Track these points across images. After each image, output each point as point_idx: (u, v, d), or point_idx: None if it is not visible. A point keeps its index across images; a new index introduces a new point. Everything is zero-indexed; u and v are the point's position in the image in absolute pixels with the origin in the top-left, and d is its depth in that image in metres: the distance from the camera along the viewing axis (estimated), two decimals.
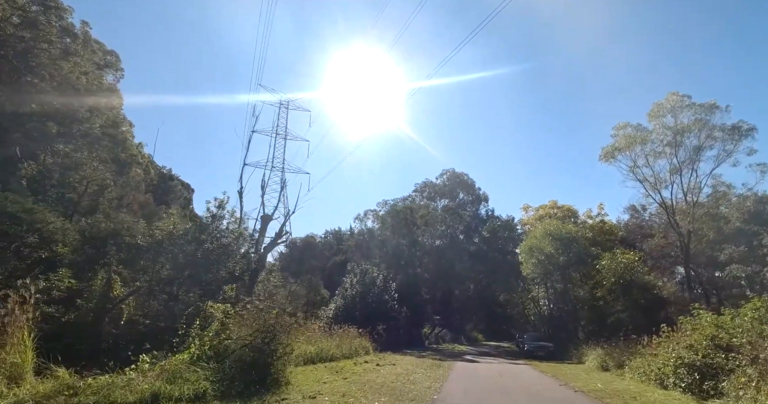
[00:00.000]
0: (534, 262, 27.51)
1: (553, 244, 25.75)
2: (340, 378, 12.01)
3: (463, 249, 47.52)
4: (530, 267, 28.22)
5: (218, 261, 17.11)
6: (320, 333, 20.01)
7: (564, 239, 25.64)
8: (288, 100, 63.76)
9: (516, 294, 53.29)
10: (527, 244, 28.35)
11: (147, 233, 16.82)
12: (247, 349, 9.63)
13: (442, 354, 26.35)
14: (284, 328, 10.43)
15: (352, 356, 19.69)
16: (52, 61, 27.38)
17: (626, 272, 21.30)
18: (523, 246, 29.47)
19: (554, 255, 25.90)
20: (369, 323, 29.06)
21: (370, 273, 33.31)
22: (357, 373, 13.51)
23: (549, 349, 25.86)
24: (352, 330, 22.53)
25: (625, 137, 27.49)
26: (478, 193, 53.90)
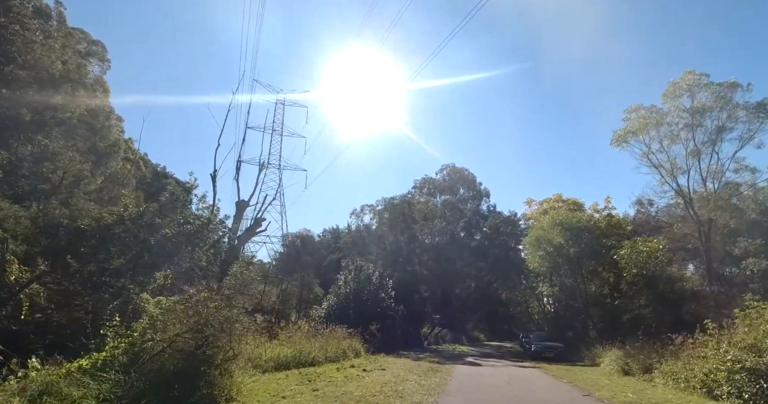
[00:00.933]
0: (541, 255, 24.65)
1: (563, 235, 22.94)
2: (309, 390, 9.24)
3: (464, 246, 44.68)
4: (537, 260, 25.33)
5: (179, 251, 14.39)
6: (302, 334, 17.27)
7: (575, 229, 22.83)
8: (284, 96, 61.64)
9: (519, 292, 50.40)
10: (534, 235, 25.48)
11: (95, 216, 14.16)
12: (166, 355, 6.90)
13: (441, 355, 23.52)
14: (226, 327, 7.67)
15: (338, 359, 16.94)
16: (25, 44, 24.87)
17: (649, 262, 18.48)
18: (529, 238, 26.66)
19: (564, 246, 23.07)
20: (364, 322, 26.45)
21: (366, 270, 30.54)
22: (335, 382, 10.74)
23: (558, 350, 23.02)
24: (339, 331, 19.79)
25: (639, 119, 24.66)
26: (479, 188, 51.01)
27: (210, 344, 7.21)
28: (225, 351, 7.55)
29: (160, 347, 6.93)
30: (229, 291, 15.17)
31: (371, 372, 13.39)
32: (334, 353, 17.32)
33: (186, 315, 7.60)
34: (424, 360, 19.78)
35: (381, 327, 27.76)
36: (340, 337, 19.61)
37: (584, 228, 22.91)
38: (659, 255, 18.67)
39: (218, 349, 7.38)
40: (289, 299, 36.19)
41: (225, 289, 15.13)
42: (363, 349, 21.06)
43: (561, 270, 24.99)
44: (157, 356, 6.85)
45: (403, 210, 37.73)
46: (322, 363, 15.31)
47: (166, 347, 6.85)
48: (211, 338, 7.24)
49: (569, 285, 25.68)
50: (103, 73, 42.32)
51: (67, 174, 26.32)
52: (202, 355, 7.13)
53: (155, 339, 7.36)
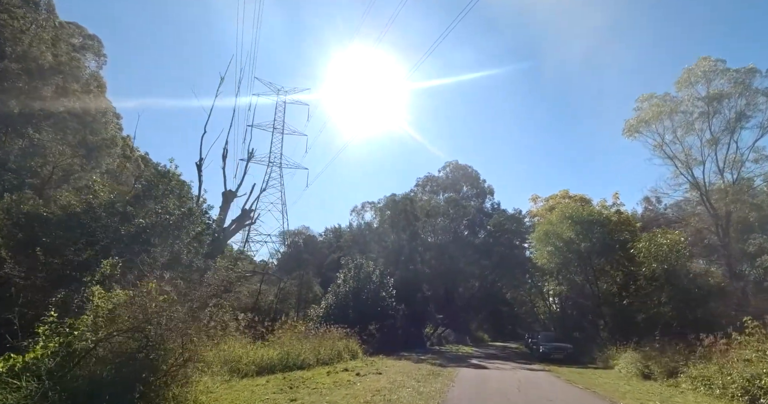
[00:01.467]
0: (550, 250, 23.01)
1: (573, 229, 21.29)
2: (286, 401, 7.75)
3: (467, 244, 43.06)
4: (545, 257, 23.67)
5: (153, 242, 12.98)
6: (293, 334, 15.79)
7: (585, 222, 21.18)
8: (285, 95, 60.31)
9: (524, 292, 48.79)
10: (542, 230, 23.79)
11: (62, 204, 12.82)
12: (94, 358, 5.43)
13: (444, 357, 21.96)
14: (176, 326, 6.18)
15: (332, 362, 15.45)
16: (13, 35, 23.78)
17: (670, 256, 16.83)
18: (537, 233, 25.04)
19: (574, 240, 21.44)
20: (363, 322, 24.99)
21: (366, 268, 29.02)
22: (319, 390, 9.22)
23: (567, 351, 21.42)
24: (334, 331, 18.32)
25: (652, 108, 23.06)
26: (482, 185, 49.35)
27: (153, 346, 5.75)
28: (176, 354, 6.08)
29: (87, 348, 5.46)
30: (210, 287, 13.75)
31: (365, 376, 11.88)
32: (328, 355, 15.84)
33: (129, 311, 6.13)
34: (426, 362, 18.24)
35: (381, 328, 26.26)
36: (335, 338, 18.13)
37: (596, 222, 21.28)
38: (680, 249, 17.03)
39: (166, 352, 5.92)
40: (287, 298, 34.77)
41: (206, 285, 13.72)
42: (361, 351, 19.57)
43: (570, 266, 23.33)
44: (84, 359, 5.38)
45: (405, 207, 36.19)
46: (313, 367, 13.83)
47: (92, 348, 5.37)
48: (155, 339, 5.78)
49: (579, 282, 24.00)
50: (99, 69, 41.09)
51: (57, 168, 25.06)
52: (143, 359, 5.66)
53: (90, 339, 5.89)
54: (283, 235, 55.84)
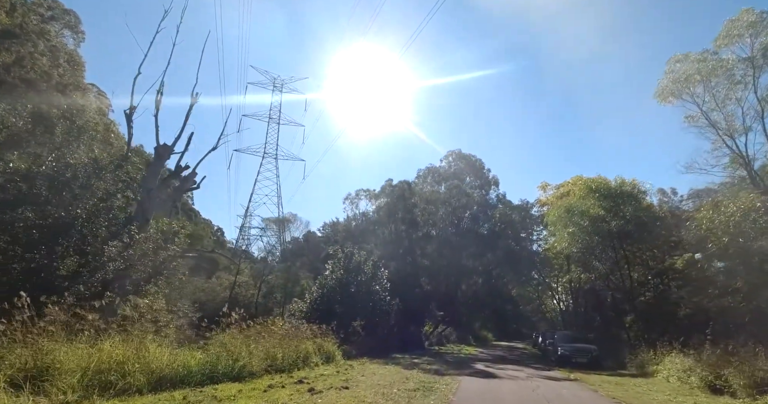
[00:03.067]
0: (572, 232, 18.49)
1: (602, 204, 17.00)
2: None
3: (471, 237, 38.71)
4: (566, 239, 19.06)
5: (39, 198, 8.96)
6: (238, 332, 11.66)
7: (617, 196, 16.81)
8: (282, 82, 56.40)
9: (531, 288, 44.34)
10: (563, 207, 19.25)
11: None
12: None
13: (443, 360, 17.72)
14: None
15: (291, 368, 11.30)
16: None
17: (743, 225, 12.33)
18: (554, 212, 20.68)
19: (603, 218, 17.12)
20: (351, 319, 20.94)
21: (357, 258, 24.80)
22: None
23: (592, 354, 17.08)
24: (304, 328, 14.26)
25: (690, 64, 18.79)
26: (487, 176, 44.82)
27: None
28: None
29: None
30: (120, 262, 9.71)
31: (319, 395, 7.70)
32: (291, 359, 11.71)
33: None
34: (419, 367, 14.02)
35: (371, 325, 22.13)
36: (303, 337, 14.02)
37: (630, 196, 16.96)
38: (758, 217, 12.62)
39: None
40: (273, 292, 30.75)
41: None
42: (340, 353, 15.40)
43: (596, 251, 18.96)
44: None
45: (402, 193, 32.03)
46: (259, 376, 9.68)
47: None
48: None
49: (603, 271, 19.54)
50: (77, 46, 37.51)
51: None
52: None
53: None
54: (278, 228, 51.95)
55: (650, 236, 16.99)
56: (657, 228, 16.65)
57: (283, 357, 11.40)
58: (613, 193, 17.04)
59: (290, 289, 29.53)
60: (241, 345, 10.35)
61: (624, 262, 17.34)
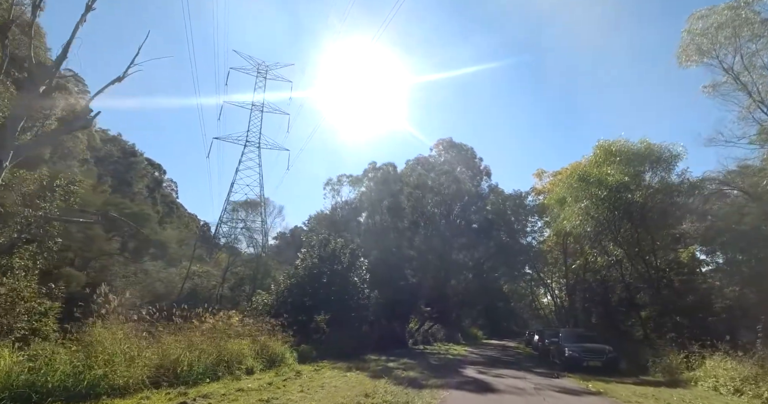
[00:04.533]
0: (585, 206, 14.98)
1: (625, 169, 13.40)
2: None
3: (461, 228, 35.33)
4: (574, 218, 15.11)
5: None
6: (132, 326, 8.01)
7: (642, 160, 13.24)
8: (267, 67, 52.59)
9: (524, 283, 40.94)
10: (574, 176, 15.11)
11: None
12: None
13: (426, 363, 14.13)
14: None
15: (201, 378, 7.69)
16: None
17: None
18: (563, 186, 16.92)
19: (627, 186, 13.51)
20: (322, 312, 17.48)
21: (332, 245, 21.17)
22: None
23: (608, 356, 13.59)
24: (235, 322, 10.68)
25: (720, 15, 15.45)
26: (478, 165, 41.31)
27: None
28: None
29: None
30: None
31: None
32: (206, 365, 8.10)
33: None
34: (393, 374, 10.41)
35: (345, 320, 18.57)
36: (245, 334, 10.45)
37: (659, 161, 13.33)
38: None
39: None
40: (243, 284, 26.99)
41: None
42: (292, 355, 11.79)
43: (614, 228, 15.12)
44: None
45: (387, 178, 28.48)
46: (133, 391, 6.07)
47: None
48: None
49: (621, 256, 15.76)
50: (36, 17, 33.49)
51: None
52: None
53: None
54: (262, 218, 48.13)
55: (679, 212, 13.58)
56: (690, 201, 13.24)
57: (191, 363, 7.77)
58: (639, 156, 13.48)
59: (260, 281, 25.78)
60: (119, 345, 6.72)
61: (649, 243, 13.79)
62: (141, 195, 50.21)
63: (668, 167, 13.54)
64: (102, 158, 50.12)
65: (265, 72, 50.67)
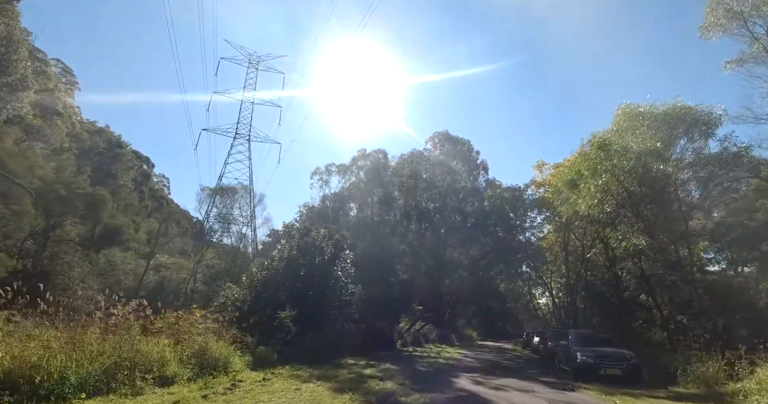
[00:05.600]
0: (604, 183, 11.79)
1: (656, 136, 10.86)
2: None
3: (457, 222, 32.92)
4: (593, 195, 12.32)
5: None
6: None
7: (677, 120, 10.78)
8: (258, 58, 50.13)
9: (521, 282, 38.52)
10: (595, 144, 12.14)
11: None
12: None
13: (411, 369, 11.63)
14: None
15: (70, 393, 5.18)
16: None
17: None
18: (568, 172, 14.54)
19: (658, 155, 11.02)
20: (299, 310, 15.10)
21: (314, 235, 18.69)
22: None
23: (630, 364, 11.15)
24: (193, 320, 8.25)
25: None
26: (475, 159, 38.99)
27: None
28: None
29: None
30: None
31: None
32: (105, 370, 5.63)
33: None
34: (364, 387, 7.91)
35: (323, 318, 16.12)
36: (173, 332, 7.96)
37: (697, 123, 10.78)
38: None
39: None
40: (218, 279, 24.42)
41: None
42: (242, 359, 9.29)
43: (640, 207, 12.39)
44: None
45: (377, 166, 26.05)
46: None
47: None
48: None
49: (639, 245, 13.08)
50: None
51: None
52: None
53: None
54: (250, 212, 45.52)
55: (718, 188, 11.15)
56: (731, 174, 10.75)
57: (63, 370, 5.28)
58: (671, 118, 10.91)
59: (236, 275, 23.22)
60: None
61: (681, 227, 11.32)
62: (126, 187, 47.64)
63: (706, 132, 11.03)
64: (87, 149, 47.58)
65: (257, 63, 48.29)
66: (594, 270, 25.79)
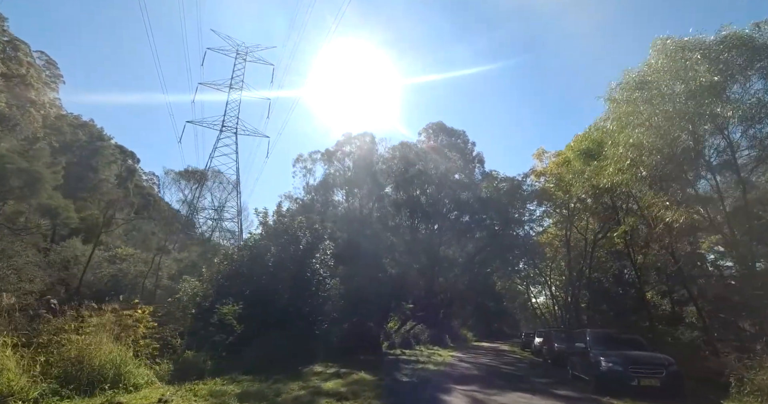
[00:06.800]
0: (638, 139, 8.88)
1: (712, 69, 8.14)
2: None
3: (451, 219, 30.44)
4: (614, 163, 9.61)
5: None
6: None
7: (740, 47, 8.09)
8: (246, 49, 47.56)
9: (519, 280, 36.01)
10: (628, 88, 9.37)
11: None
12: None
13: (389, 380, 8.98)
14: None
15: None
16: None
17: None
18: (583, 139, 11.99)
19: (715, 91, 8.22)
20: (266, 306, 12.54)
21: (286, 223, 15.97)
22: None
23: (670, 371, 8.63)
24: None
25: None
26: (471, 152, 36.56)
27: None
28: None
29: None
30: None
31: None
32: None
33: None
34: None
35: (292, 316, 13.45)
36: None
37: (764, 47, 7.99)
38: None
39: None
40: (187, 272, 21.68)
41: None
42: (158, 369, 6.64)
43: (685, 168, 9.23)
44: None
45: (365, 153, 23.46)
46: None
47: None
48: None
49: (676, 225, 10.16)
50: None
51: None
52: None
53: None
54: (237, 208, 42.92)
55: None
56: None
57: None
58: (730, 46, 8.18)
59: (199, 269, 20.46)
60: None
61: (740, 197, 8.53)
62: (108, 182, 44.85)
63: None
64: (68, 143, 44.70)
65: (245, 54, 45.72)
66: (600, 266, 23.30)
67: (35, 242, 18.83)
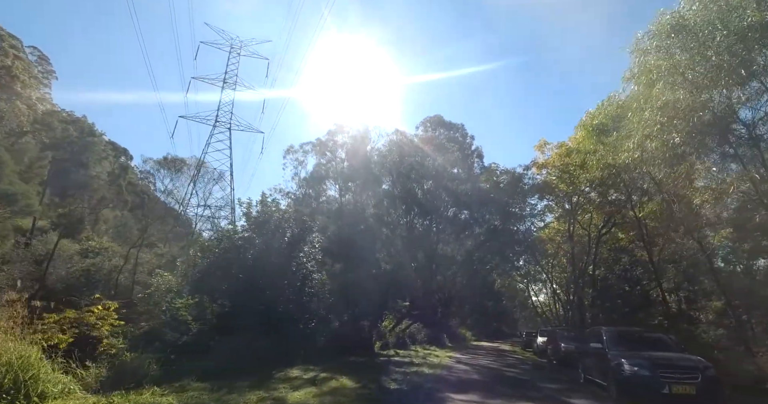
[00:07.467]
0: (666, 100, 7.24)
1: (761, 5, 6.91)
2: None
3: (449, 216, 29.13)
4: (642, 129, 7.79)
5: None
6: None
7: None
8: (241, 43, 46.17)
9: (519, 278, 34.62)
10: (662, 31, 7.50)
11: None
12: None
13: (373, 388, 7.59)
14: None
15: None
16: None
17: None
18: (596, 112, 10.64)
19: None
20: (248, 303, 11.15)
21: (272, 212, 14.54)
22: None
23: (706, 376, 7.28)
24: None
25: None
26: (470, 146, 35.17)
27: None
28: None
29: None
30: None
31: None
32: None
33: None
34: None
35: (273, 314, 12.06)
36: None
37: None
38: None
39: None
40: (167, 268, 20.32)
41: None
42: (77, 376, 5.23)
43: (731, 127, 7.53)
44: None
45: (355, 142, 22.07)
46: None
47: None
48: None
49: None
50: None
51: None
52: None
53: None
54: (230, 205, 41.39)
55: None
56: None
57: None
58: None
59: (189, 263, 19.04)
60: None
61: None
62: (99, 179, 43.41)
63: None
64: (59, 139, 43.25)
65: (239, 48, 44.28)
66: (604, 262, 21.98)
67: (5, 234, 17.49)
